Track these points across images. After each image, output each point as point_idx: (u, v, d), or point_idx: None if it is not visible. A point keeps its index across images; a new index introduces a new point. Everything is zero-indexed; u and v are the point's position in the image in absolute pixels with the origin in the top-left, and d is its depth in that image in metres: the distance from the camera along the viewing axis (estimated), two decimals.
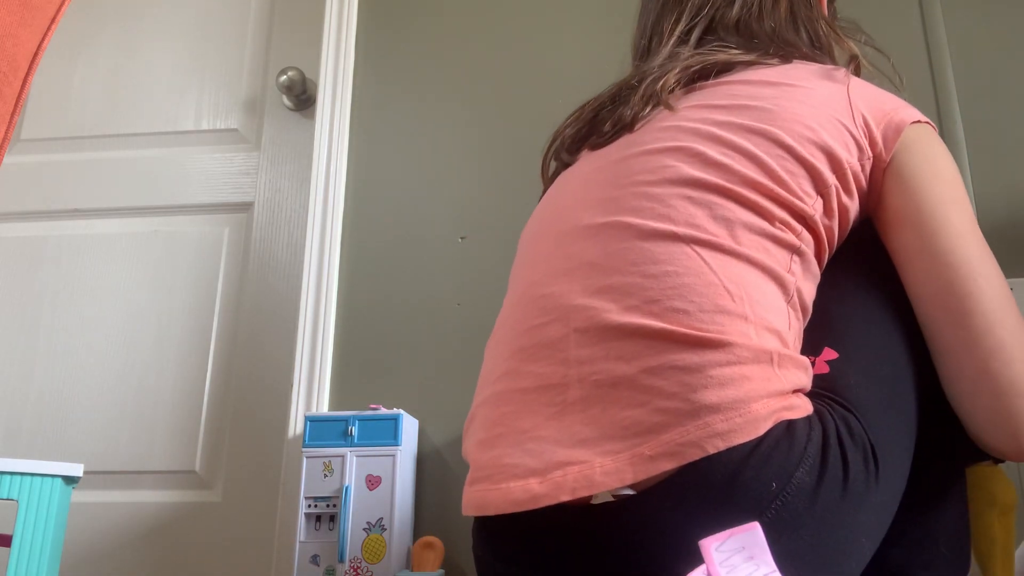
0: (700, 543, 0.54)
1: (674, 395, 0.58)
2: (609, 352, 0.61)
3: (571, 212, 0.72)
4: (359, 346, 1.43)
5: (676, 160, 0.67)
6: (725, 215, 0.64)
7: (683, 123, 0.69)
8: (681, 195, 0.65)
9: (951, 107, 1.35)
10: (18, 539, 0.90)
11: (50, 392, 1.54)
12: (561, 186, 0.78)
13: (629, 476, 0.57)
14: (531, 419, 0.64)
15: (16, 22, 0.96)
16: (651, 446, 0.57)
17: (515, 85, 1.53)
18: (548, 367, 0.64)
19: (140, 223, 1.63)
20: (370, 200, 1.52)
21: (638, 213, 0.65)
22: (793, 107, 0.67)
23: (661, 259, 0.63)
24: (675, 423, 0.57)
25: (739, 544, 0.54)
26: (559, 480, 0.59)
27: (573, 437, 0.61)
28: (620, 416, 0.59)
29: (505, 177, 1.48)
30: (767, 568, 0.53)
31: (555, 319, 0.66)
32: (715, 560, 0.53)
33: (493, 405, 0.68)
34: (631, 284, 0.62)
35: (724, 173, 0.65)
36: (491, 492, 0.63)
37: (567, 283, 0.66)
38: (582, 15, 1.55)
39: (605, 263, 0.65)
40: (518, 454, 0.63)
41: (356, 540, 1.20)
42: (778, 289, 0.63)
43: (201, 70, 1.71)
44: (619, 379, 0.60)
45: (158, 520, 1.44)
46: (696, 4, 0.82)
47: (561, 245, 0.70)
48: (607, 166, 0.72)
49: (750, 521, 0.55)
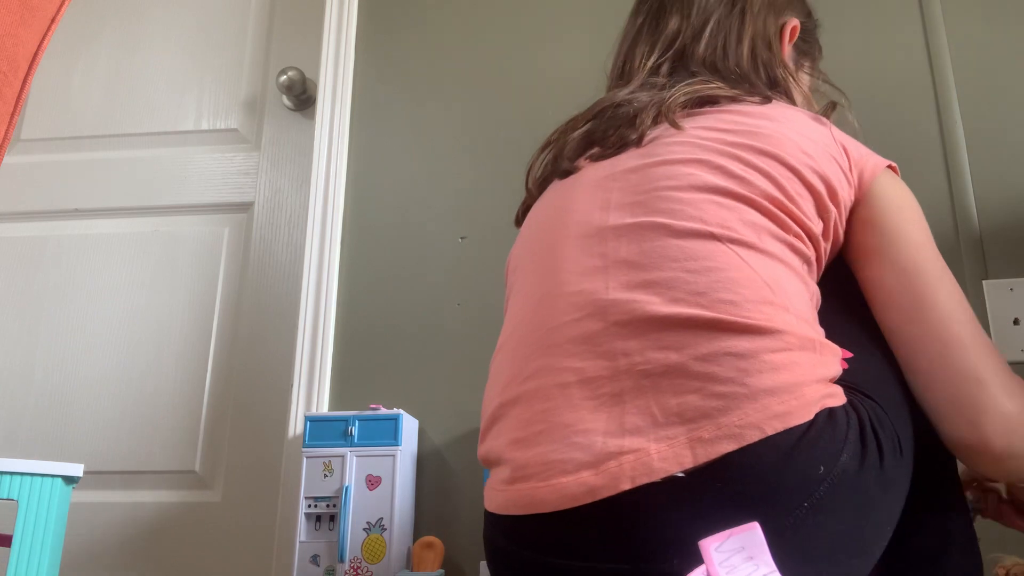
0: (699, 543, 0.54)
1: (730, 380, 0.60)
2: (656, 342, 0.63)
3: (588, 216, 0.74)
4: (359, 346, 1.43)
5: (698, 170, 0.70)
6: (752, 220, 0.68)
7: (696, 140, 0.73)
8: (710, 200, 0.69)
9: (951, 107, 1.35)
10: (18, 539, 0.90)
11: (50, 392, 1.54)
12: (564, 193, 0.80)
13: (689, 460, 0.59)
14: (574, 413, 0.64)
15: (16, 22, 0.96)
16: (709, 429, 0.59)
17: (515, 85, 1.53)
18: (588, 361, 0.66)
19: (140, 223, 1.63)
20: (370, 200, 1.52)
21: (670, 215, 0.68)
22: (794, 137, 0.73)
23: (701, 256, 0.66)
24: (734, 406, 0.59)
25: (739, 544, 0.54)
26: (615, 470, 0.60)
27: (622, 427, 0.62)
28: (672, 403, 0.61)
29: (505, 177, 1.48)
30: (767, 568, 0.53)
31: (590, 314, 0.67)
32: (715, 560, 0.53)
33: (527, 403, 0.68)
34: (674, 279, 0.65)
35: (745, 185, 0.69)
36: (541, 489, 0.63)
37: (601, 280, 0.68)
38: (582, 15, 1.55)
39: (642, 260, 0.67)
40: (564, 449, 0.63)
41: (356, 540, 1.20)
42: (803, 287, 0.69)
43: (201, 70, 1.71)
44: (669, 367, 0.62)
45: (158, 520, 1.44)
46: (668, 37, 0.88)
47: (587, 246, 0.71)
48: (621, 174, 0.75)
49: (799, 503, 0.58)
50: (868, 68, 1.40)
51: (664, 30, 0.88)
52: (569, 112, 1.47)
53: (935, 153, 1.33)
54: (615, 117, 0.81)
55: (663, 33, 0.88)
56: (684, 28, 0.87)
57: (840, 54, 1.42)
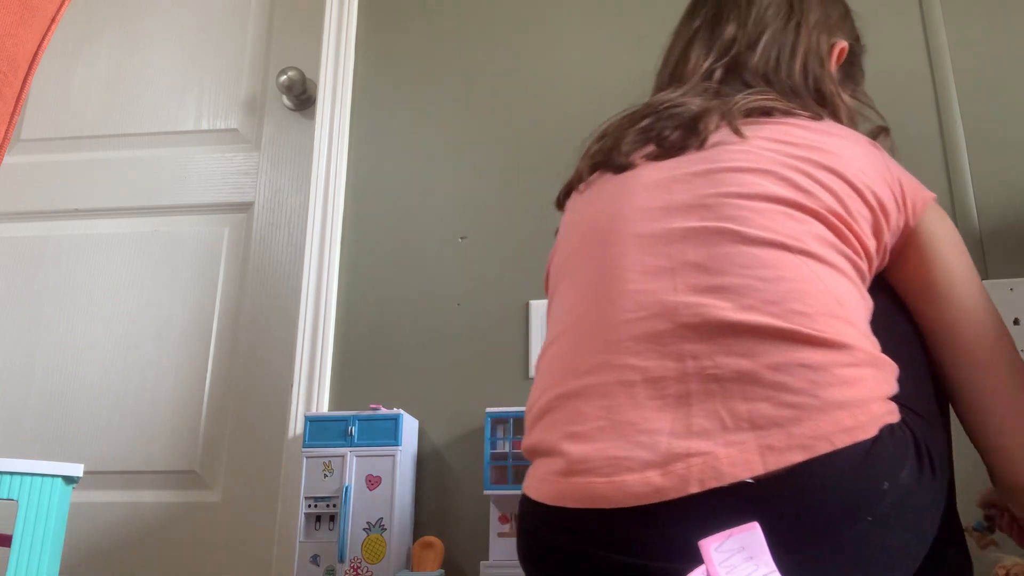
0: (699, 543, 0.54)
1: (802, 391, 0.61)
2: (726, 348, 0.64)
3: (649, 215, 0.74)
4: (359, 346, 1.43)
5: (765, 180, 0.71)
6: (819, 233, 0.69)
7: (760, 151, 0.74)
8: (779, 211, 0.70)
9: (951, 107, 1.35)
10: (18, 539, 0.90)
11: (50, 392, 1.54)
12: (620, 190, 0.80)
13: (759, 467, 0.59)
14: (638, 412, 0.65)
15: (16, 22, 0.96)
16: (779, 438, 0.60)
17: (515, 85, 1.53)
18: (653, 360, 0.66)
19: (140, 223, 1.63)
20: (370, 200, 1.52)
21: (739, 222, 0.69)
22: (853, 158, 0.74)
23: (771, 264, 0.66)
24: (805, 417, 0.60)
25: (739, 544, 0.54)
26: (683, 472, 0.60)
27: (689, 429, 0.62)
28: (742, 409, 0.61)
29: (505, 177, 1.48)
30: (767, 568, 0.53)
31: (656, 314, 0.67)
32: (714, 560, 0.53)
33: (585, 398, 0.68)
34: (744, 286, 0.66)
35: (812, 199, 0.70)
36: (602, 485, 0.63)
37: (668, 281, 0.69)
38: (581, 16, 1.55)
39: (711, 264, 0.68)
40: (628, 447, 0.64)
41: (356, 540, 1.20)
42: (863, 302, 0.70)
43: (201, 70, 1.71)
44: (741, 374, 0.62)
45: (158, 520, 1.44)
46: (724, 43, 0.88)
47: (650, 246, 0.72)
48: (684, 177, 0.75)
49: (863, 517, 0.59)
50: (868, 68, 1.40)
51: (720, 36, 0.89)
52: (569, 111, 1.48)
53: (935, 153, 1.33)
54: (671, 117, 0.81)
55: (719, 39, 0.89)
56: (740, 36, 0.88)
57: None
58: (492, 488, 1.20)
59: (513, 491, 1.20)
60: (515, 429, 1.24)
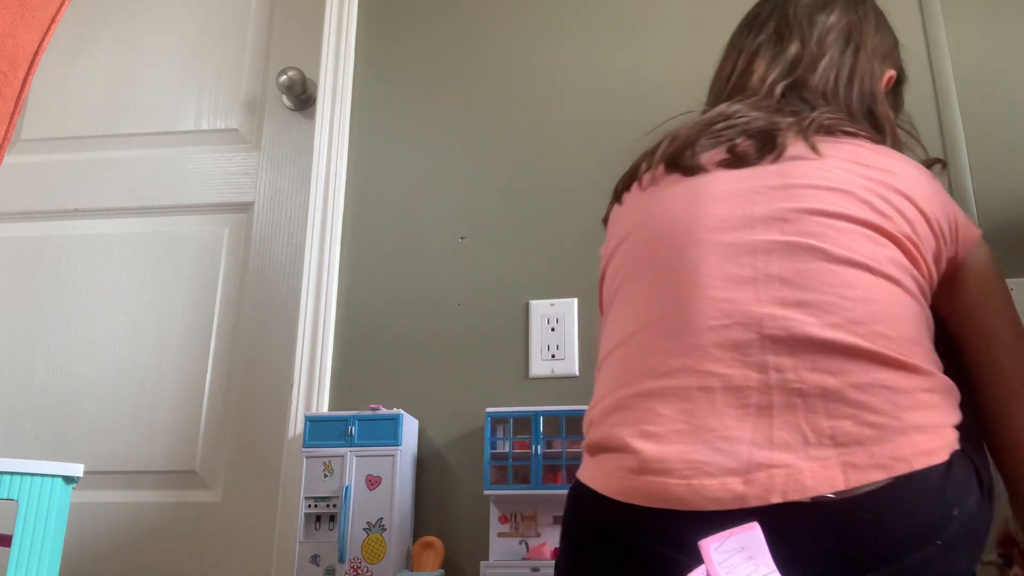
0: (699, 543, 0.54)
1: (884, 411, 0.63)
2: (811, 363, 0.65)
3: (730, 225, 0.75)
4: (359, 346, 1.43)
5: (846, 200, 0.73)
6: (896, 258, 0.71)
7: (837, 170, 0.75)
8: (859, 232, 0.71)
9: (951, 107, 1.35)
10: (18, 539, 0.90)
11: (50, 392, 1.54)
12: (693, 196, 0.80)
13: (840, 483, 0.61)
14: (718, 419, 0.66)
15: (16, 22, 0.96)
16: (861, 456, 0.61)
17: (515, 85, 1.53)
18: (736, 369, 0.67)
19: (140, 223, 1.63)
20: (370, 200, 1.52)
21: (821, 239, 0.71)
22: (919, 184, 0.77)
23: (856, 284, 0.68)
24: (886, 437, 0.62)
25: (739, 544, 0.54)
26: (765, 482, 0.62)
27: (771, 440, 0.63)
28: (825, 425, 0.63)
29: (505, 177, 1.48)
30: (766, 568, 0.53)
31: (740, 323, 0.68)
32: (714, 560, 0.53)
33: (663, 399, 0.69)
34: (830, 303, 0.67)
35: (889, 222, 0.72)
36: (678, 487, 0.64)
37: (752, 291, 0.70)
38: (581, 16, 1.55)
39: (796, 279, 0.69)
40: (707, 452, 0.65)
41: (356, 540, 1.20)
42: (931, 328, 0.73)
43: (201, 70, 1.71)
44: (826, 390, 0.64)
45: (158, 520, 1.44)
46: (788, 60, 0.90)
47: (732, 255, 0.73)
48: (763, 189, 0.76)
49: (933, 539, 0.61)
50: None
51: (784, 52, 0.91)
52: (569, 111, 1.48)
53: (935, 153, 1.33)
54: (743, 127, 0.82)
55: (784, 55, 0.90)
56: (803, 56, 0.90)
57: None
58: (492, 488, 1.20)
59: (513, 491, 1.20)
60: (515, 429, 1.24)
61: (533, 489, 1.19)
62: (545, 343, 1.35)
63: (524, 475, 1.21)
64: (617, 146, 1.45)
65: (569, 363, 1.34)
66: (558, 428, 1.21)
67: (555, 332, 1.35)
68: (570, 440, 1.20)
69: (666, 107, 1.44)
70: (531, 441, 1.21)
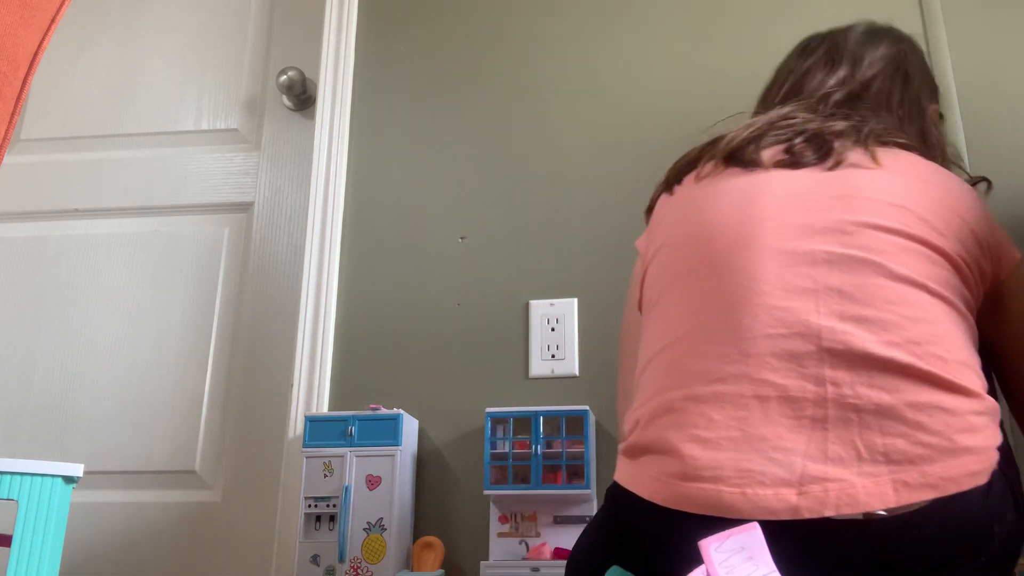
0: (699, 543, 0.54)
1: (937, 432, 0.64)
2: (868, 379, 0.66)
3: (788, 231, 0.75)
4: (359, 346, 1.43)
5: (905, 216, 0.74)
6: (951, 280, 0.73)
7: (896, 184, 0.76)
8: (918, 251, 0.72)
9: (951, 107, 1.35)
10: (18, 539, 0.90)
11: (50, 392, 1.54)
12: (749, 196, 0.80)
13: (892, 500, 0.62)
14: (772, 428, 0.67)
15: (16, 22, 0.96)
16: (912, 475, 0.63)
17: (515, 85, 1.53)
18: (792, 380, 0.68)
19: (140, 223, 1.63)
20: (370, 200, 1.52)
21: (880, 254, 0.71)
22: (972, 205, 0.79)
23: (914, 304, 0.70)
24: (937, 458, 0.63)
25: (739, 544, 0.54)
26: (820, 495, 0.63)
27: (825, 454, 0.64)
28: (879, 442, 0.64)
29: (505, 177, 1.48)
30: (766, 568, 0.53)
31: (799, 334, 0.69)
32: (714, 560, 0.53)
33: (717, 405, 0.69)
34: (889, 321, 0.68)
35: (946, 241, 0.74)
36: (731, 495, 0.65)
37: (811, 302, 0.70)
38: (581, 17, 1.55)
39: (856, 294, 0.70)
40: (761, 461, 0.65)
41: (356, 540, 1.20)
42: (976, 348, 0.74)
43: (201, 70, 1.71)
44: (881, 407, 0.65)
45: (158, 520, 1.44)
46: (841, 78, 0.93)
47: (791, 264, 0.73)
48: (822, 197, 0.77)
49: (977, 556, 0.62)
50: None
51: (835, 72, 0.94)
52: (569, 111, 1.48)
53: None
54: (793, 127, 0.84)
55: (835, 74, 0.93)
56: (854, 76, 0.92)
57: None
58: (492, 488, 1.20)
59: (513, 491, 1.20)
60: (515, 429, 1.24)
61: (533, 489, 1.19)
62: (545, 343, 1.35)
63: (524, 475, 1.21)
64: (617, 146, 1.45)
65: (569, 363, 1.34)
66: (558, 428, 1.21)
67: (555, 332, 1.35)
68: (570, 440, 1.20)
69: (666, 107, 1.45)
70: (531, 441, 1.21)
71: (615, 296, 1.36)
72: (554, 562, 1.15)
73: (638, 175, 1.42)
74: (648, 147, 1.43)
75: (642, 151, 1.43)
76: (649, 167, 1.42)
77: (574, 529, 1.20)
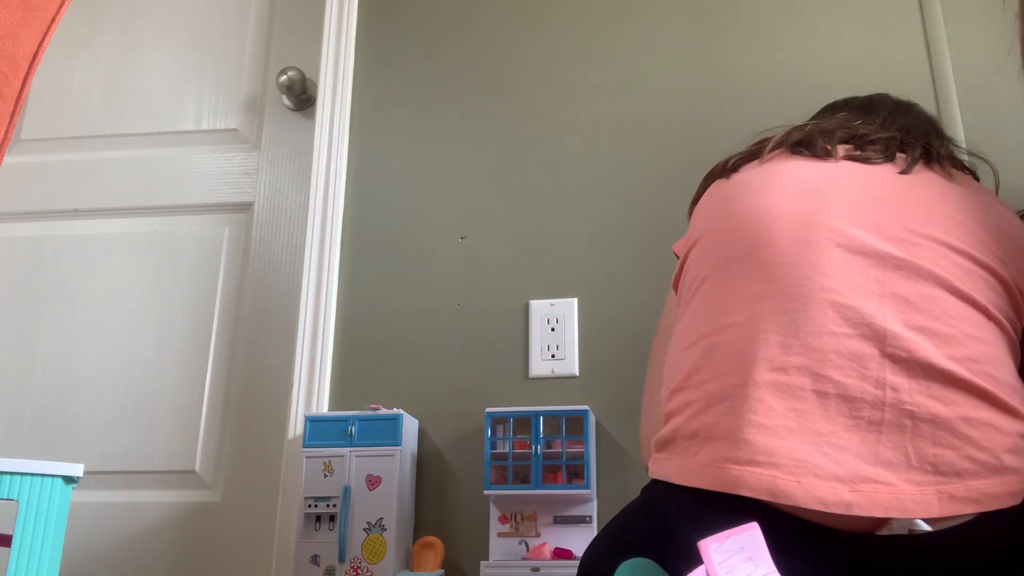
0: (699, 544, 0.54)
1: (986, 449, 0.66)
2: (926, 389, 0.68)
3: (856, 231, 0.76)
4: (359, 346, 1.43)
5: (971, 238, 0.76)
6: (1005, 308, 0.75)
7: (964, 202, 0.78)
8: (981, 276, 0.74)
9: (951, 107, 1.35)
10: (18, 539, 0.90)
11: (50, 392, 1.54)
12: (816, 188, 0.81)
13: (936, 510, 0.63)
14: (828, 424, 0.68)
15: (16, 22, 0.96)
16: (957, 488, 0.64)
17: (515, 85, 1.53)
18: (853, 380, 0.69)
19: (140, 223, 1.63)
20: (370, 200, 1.52)
21: (947, 271, 0.73)
22: (1020, 230, 0.80)
23: (973, 323, 0.71)
24: (983, 473, 0.65)
25: (738, 544, 0.54)
26: (871, 495, 0.64)
27: (876, 456, 0.66)
28: (929, 452, 0.65)
29: (505, 177, 1.48)
30: (766, 568, 0.53)
31: (864, 336, 0.70)
32: (714, 561, 0.53)
33: (777, 395, 0.70)
34: (951, 336, 0.70)
35: (1006, 269, 0.76)
36: (787, 482, 0.66)
37: (877, 306, 0.71)
38: (581, 17, 1.55)
39: (922, 304, 0.72)
40: (815, 455, 0.66)
41: (356, 540, 1.20)
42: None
43: (201, 70, 1.71)
44: (936, 418, 0.66)
45: (158, 520, 1.44)
46: (878, 118, 0.95)
47: (858, 264, 0.74)
48: (888, 198, 0.78)
49: (1012, 573, 0.63)
50: (868, 68, 1.40)
51: (874, 119, 0.96)
52: (568, 111, 1.48)
53: None
54: (864, 130, 0.86)
55: (870, 115, 0.96)
56: (894, 123, 0.94)
57: (840, 53, 1.42)
58: (492, 488, 1.20)
59: (513, 491, 1.20)
60: (515, 429, 1.24)
61: (533, 489, 1.19)
62: (545, 343, 1.35)
63: (524, 475, 1.21)
64: (617, 146, 1.45)
65: (569, 363, 1.34)
66: (558, 428, 1.21)
67: (555, 332, 1.35)
68: (570, 440, 1.20)
69: (667, 107, 1.45)
70: (531, 441, 1.21)
71: (615, 296, 1.36)
72: (554, 562, 1.15)
73: (638, 175, 1.42)
74: (648, 147, 1.43)
75: (642, 151, 1.43)
76: (649, 167, 1.43)
77: (574, 529, 1.20)
